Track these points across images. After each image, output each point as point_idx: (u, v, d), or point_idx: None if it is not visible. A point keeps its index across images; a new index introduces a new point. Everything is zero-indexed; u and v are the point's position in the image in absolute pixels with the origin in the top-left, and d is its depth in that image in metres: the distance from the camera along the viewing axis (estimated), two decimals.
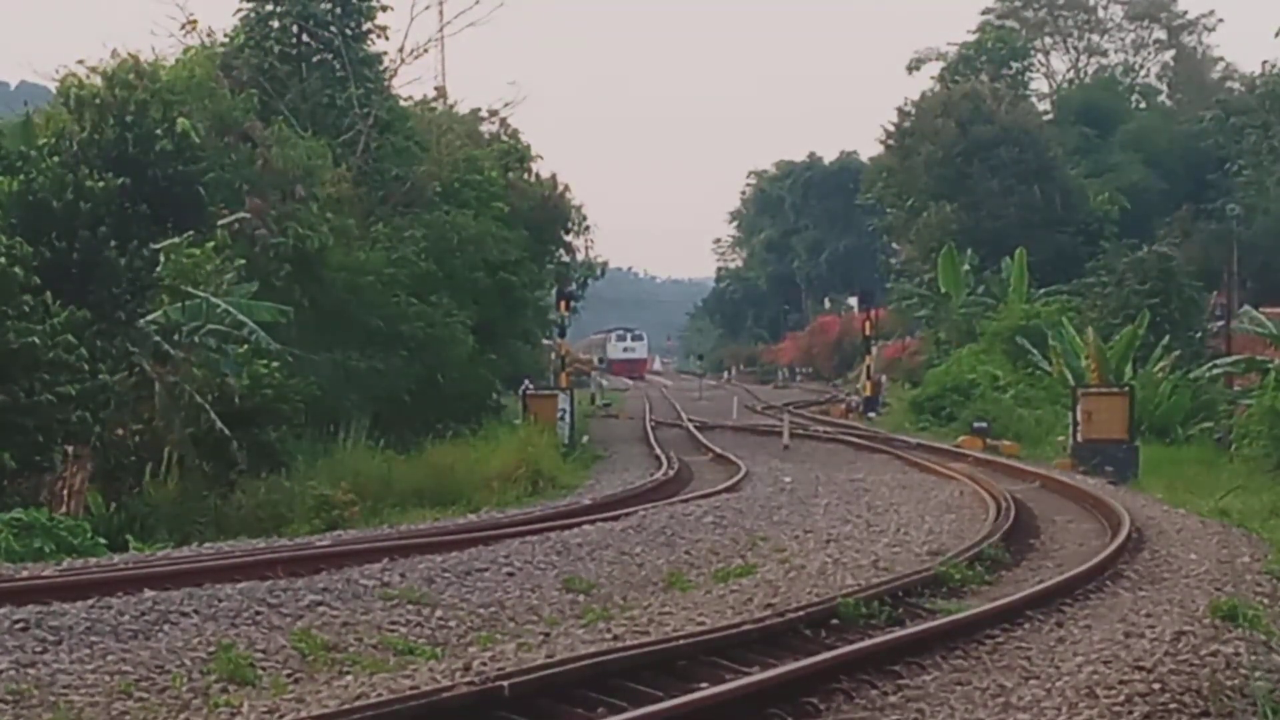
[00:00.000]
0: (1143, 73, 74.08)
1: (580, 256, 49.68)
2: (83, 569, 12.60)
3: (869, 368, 47.98)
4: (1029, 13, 72.11)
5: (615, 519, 16.76)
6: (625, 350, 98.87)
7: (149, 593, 10.54)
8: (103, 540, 15.77)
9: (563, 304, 37.69)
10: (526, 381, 37.96)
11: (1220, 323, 38.93)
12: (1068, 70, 74.41)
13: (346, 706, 7.30)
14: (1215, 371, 33.70)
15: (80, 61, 24.20)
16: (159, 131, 20.38)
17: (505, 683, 7.54)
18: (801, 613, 10.12)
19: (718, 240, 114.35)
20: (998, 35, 67.29)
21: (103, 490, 18.74)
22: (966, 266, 50.12)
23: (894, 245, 70.51)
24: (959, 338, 47.14)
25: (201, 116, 23.83)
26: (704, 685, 7.98)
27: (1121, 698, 8.00)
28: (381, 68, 33.53)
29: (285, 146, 27.08)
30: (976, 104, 55.73)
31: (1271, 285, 46.41)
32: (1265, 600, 11.75)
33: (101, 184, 19.20)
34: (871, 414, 44.76)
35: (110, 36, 76.12)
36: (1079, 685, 8.31)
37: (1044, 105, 68.58)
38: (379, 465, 22.58)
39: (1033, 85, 70.03)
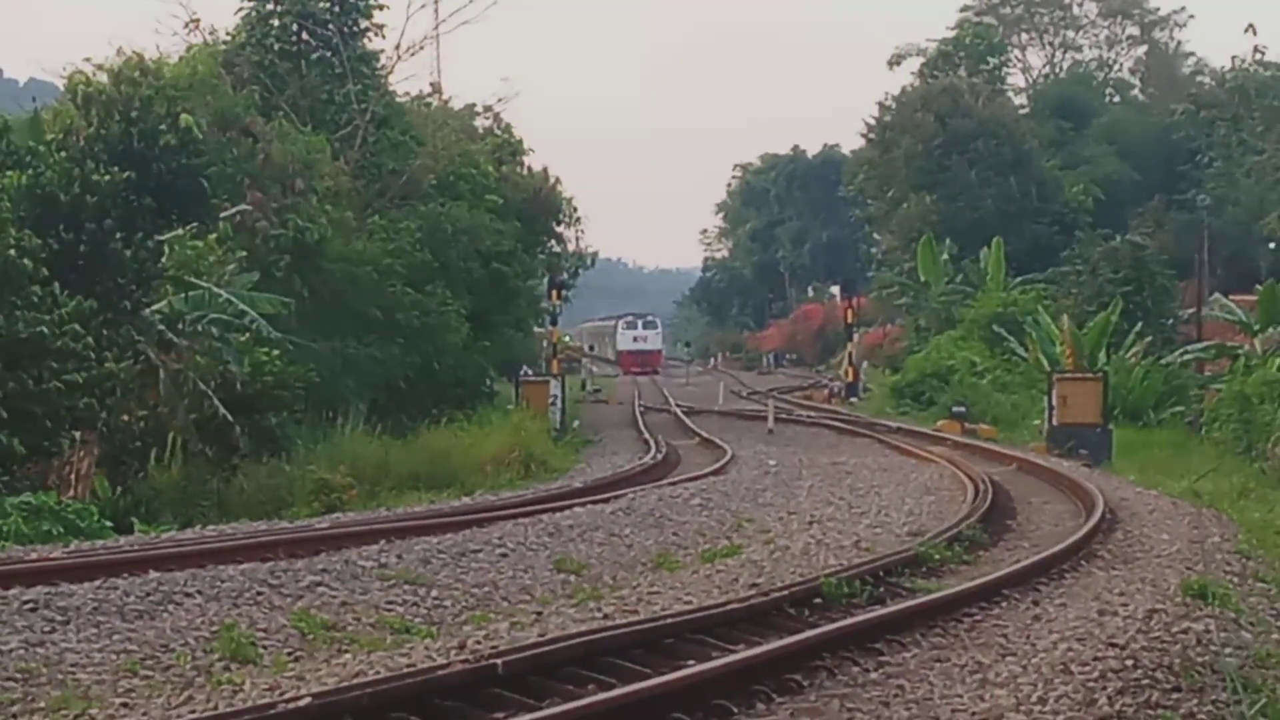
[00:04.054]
0: (1116, 68, 74.73)
1: (571, 247, 50.20)
2: (90, 551, 12.72)
3: (851, 354, 48.58)
4: (1006, 9, 72.45)
5: (605, 501, 16.85)
6: (635, 340, 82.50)
7: (154, 574, 10.63)
8: (109, 523, 15.96)
9: (554, 293, 38.08)
10: (525, 368, 38.50)
11: (1191, 310, 39.61)
12: (1044, 65, 75.01)
13: (345, 684, 7.34)
14: (1186, 357, 34.21)
15: (87, 59, 24.15)
16: (163, 127, 20.48)
17: (499, 660, 7.59)
18: (785, 592, 10.18)
19: (704, 231, 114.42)
20: (976, 31, 67.67)
21: (109, 474, 18.96)
22: (945, 256, 50.54)
23: (875, 235, 70.95)
24: (938, 325, 47.51)
25: (204, 112, 23.88)
26: (691, 662, 7.98)
27: (1095, 674, 8.07)
28: (378, 64, 33.76)
29: (285, 141, 27.26)
30: (955, 98, 56.21)
31: (1241, 273, 47.01)
32: (1235, 579, 11.84)
33: (107, 178, 19.29)
34: (853, 399, 45.34)
35: (116, 35, 75.37)
36: (1054, 662, 8.39)
37: (1020, 99, 69.04)
38: (376, 450, 22.68)
39: (1010, 80, 70.50)
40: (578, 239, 50.65)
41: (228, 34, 32.23)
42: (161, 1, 62.98)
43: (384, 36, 33.98)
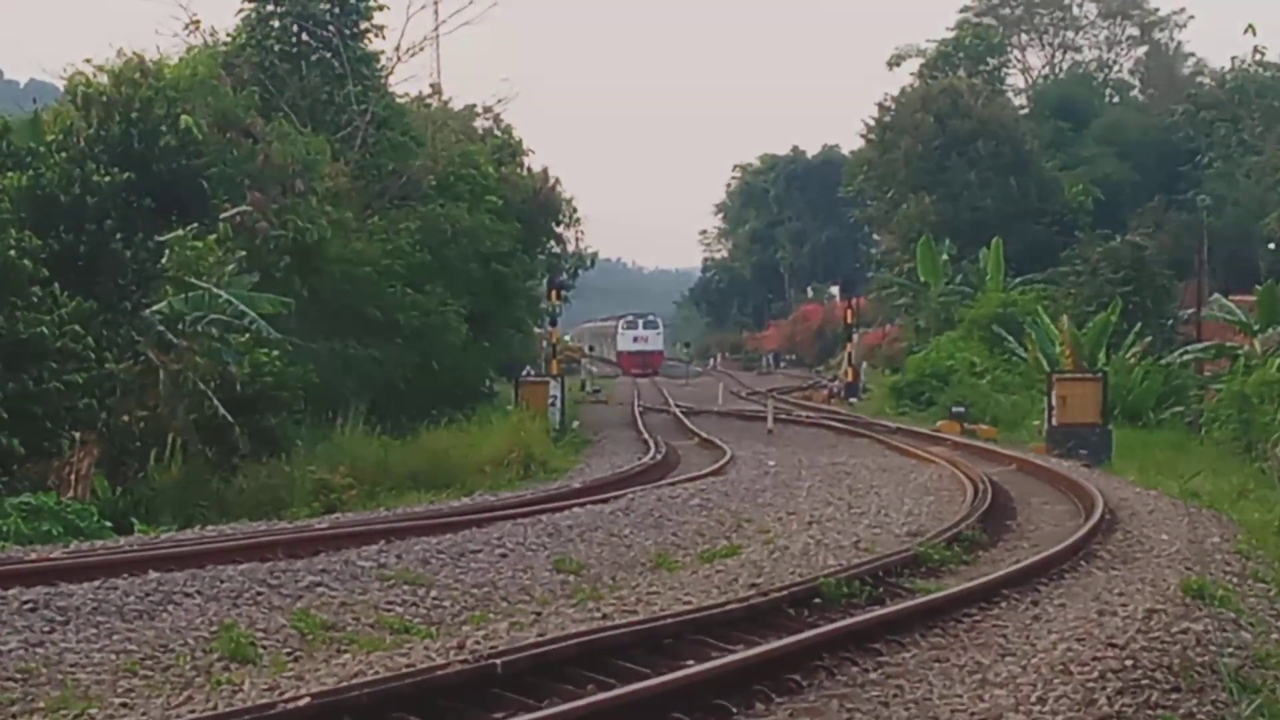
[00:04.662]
0: (1116, 68, 74.95)
1: (571, 248, 50.37)
2: (89, 551, 12.79)
3: (850, 355, 48.67)
4: (1006, 10, 72.66)
5: (604, 502, 16.90)
6: (636, 340, 79.81)
7: (153, 574, 10.70)
8: (109, 523, 16.00)
9: (554, 294, 38.20)
10: (526, 369, 38.58)
11: (1191, 310, 39.67)
12: (1043, 66, 75.20)
13: (344, 684, 7.40)
14: (1186, 357, 34.31)
15: (87, 60, 24.16)
16: (163, 128, 20.56)
17: (498, 660, 7.65)
18: (785, 592, 10.24)
19: (704, 231, 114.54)
20: (975, 32, 67.82)
21: (109, 475, 18.95)
22: (945, 256, 50.60)
23: (875, 236, 71.10)
24: (938, 325, 47.58)
25: (204, 113, 23.84)
26: (691, 663, 8.03)
27: (1095, 674, 8.12)
28: (378, 65, 33.73)
29: (285, 142, 27.24)
30: (955, 99, 56.28)
31: (1240, 274, 47.08)
32: (1234, 579, 11.92)
33: (108, 178, 19.36)
34: (853, 399, 45.43)
35: (116, 36, 75.29)
36: (1054, 662, 8.45)
37: (1020, 100, 69.31)
38: (376, 450, 22.73)
39: (1009, 81, 70.75)
40: (577, 239, 50.87)
41: (228, 35, 32.25)
42: (162, 3, 63.03)
43: (384, 37, 34.12)
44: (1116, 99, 70.96)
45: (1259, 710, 7.47)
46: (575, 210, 48.22)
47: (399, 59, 34.67)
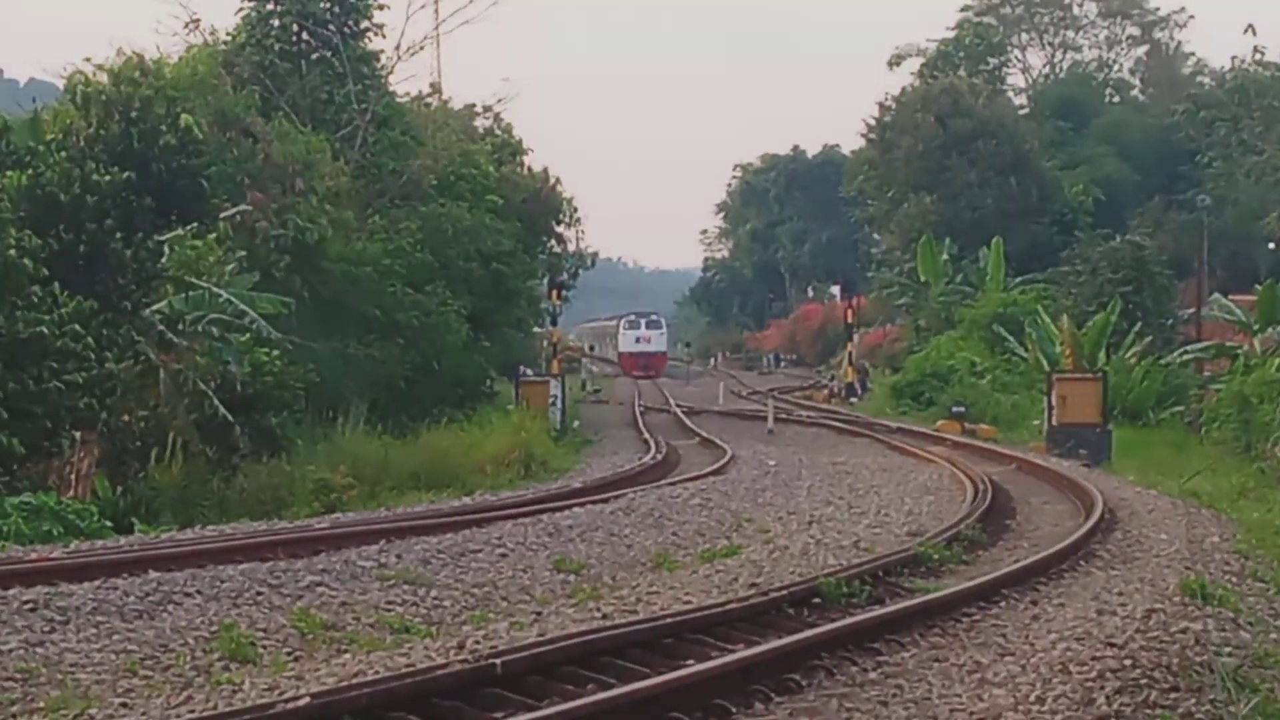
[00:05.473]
0: (1116, 68, 74.89)
1: (571, 247, 50.38)
2: (89, 551, 12.81)
3: (851, 354, 48.71)
4: (1006, 9, 72.56)
5: (605, 501, 16.94)
6: (638, 341, 76.90)
7: (153, 574, 10.73)
8: (109, 523, 15.98)
9: (554, 293, 38.22)
10: (525, 369, 38.56)
11: (1191, 310, 39.72)
12: (1044, 66, 75.13)
13: (344, 684, 7.40)
14: (1186, 357, 34.38)
15: (87, 59, 24.08)
16: (163, 127, 20.52)
17: (498, 660, 7.64)
18: (784, 592, 10.25)
19: (704, 231, 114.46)
20: (976, 32, 67.78)
21: (109, 475, 18.89)
22: (945, 256, 50.68)
23: (875, 235, 71.00)
24: (938, 325, 47.64)
25: (204, 112, 23.89)
26: (690, 662, 8.04)
27: (1094, 674, 8.13)
28: (379, 65, 33.77)
29: (285, 141, 27.27)
30: (955, 99, 56.26)
31: (1240, 273, 47.20)
32: (1233, 579, 11.94)
33: (107, 178, 19.32)
34: (853, 399, 45.48)
35: (116, 35, 75.42)
36: (1053, 662, 8.46)
37: (1020, 100, 69.28)
38: (376, 450, 22.71)
39: (1010, 80, 70.72)
40: (578, 239, 50.89)
41: (228, 34, 32.26)
42: (162, 1, 63.09)
43: (384, 36, 34.17)
44: (1117, 99, 70.96)
45: (1257, 709, 7.45)
46: (575, 210, 48.28)
47: (399, 58, 34.78)
